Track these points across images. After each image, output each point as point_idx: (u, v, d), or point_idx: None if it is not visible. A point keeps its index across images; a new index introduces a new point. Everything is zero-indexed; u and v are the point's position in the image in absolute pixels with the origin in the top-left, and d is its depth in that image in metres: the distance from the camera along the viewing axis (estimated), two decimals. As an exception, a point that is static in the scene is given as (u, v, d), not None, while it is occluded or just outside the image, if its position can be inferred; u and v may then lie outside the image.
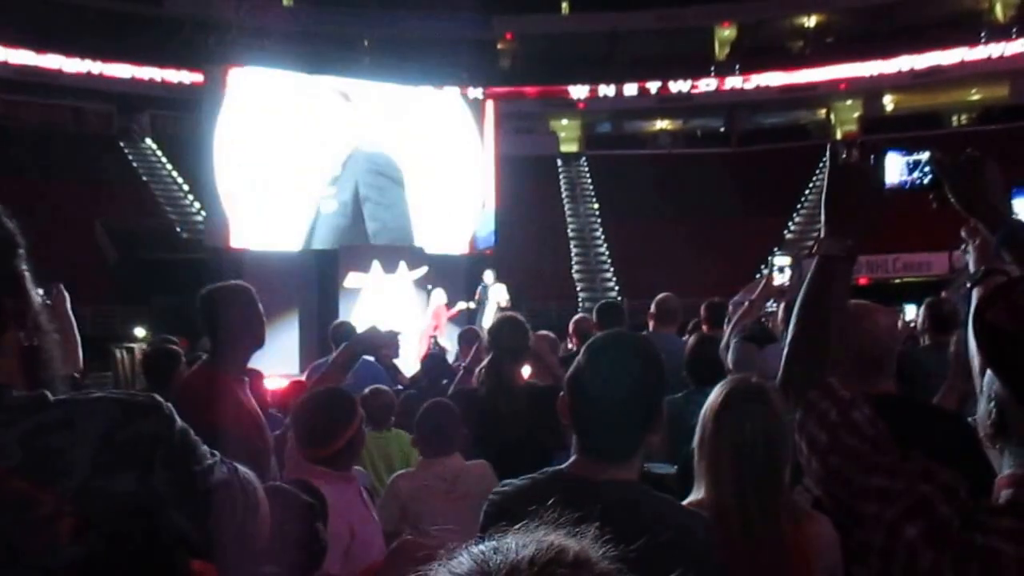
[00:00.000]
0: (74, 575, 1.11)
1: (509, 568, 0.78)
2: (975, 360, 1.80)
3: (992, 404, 1.35)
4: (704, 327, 6.43)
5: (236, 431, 3.24)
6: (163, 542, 1.22)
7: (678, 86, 37.29)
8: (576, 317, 7.33)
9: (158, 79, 33.44)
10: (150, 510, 1.20)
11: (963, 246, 2.18)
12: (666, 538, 1.78)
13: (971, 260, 2.10)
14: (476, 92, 19.80)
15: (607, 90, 37.58)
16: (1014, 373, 1.31)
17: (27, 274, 1.36)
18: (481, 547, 0.81)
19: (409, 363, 9.90)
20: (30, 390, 1.30)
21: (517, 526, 0.86)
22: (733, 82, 37.46)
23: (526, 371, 4.77)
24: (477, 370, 4.52)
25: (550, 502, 1.73)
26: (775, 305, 5.70)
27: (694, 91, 37.47)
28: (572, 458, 2.03)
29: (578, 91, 37.73)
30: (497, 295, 15.88)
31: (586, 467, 1.97)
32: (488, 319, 15.22)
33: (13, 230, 1.34)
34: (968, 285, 2.05)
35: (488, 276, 16.07)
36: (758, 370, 3.64)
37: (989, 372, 1.36)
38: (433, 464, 3.87)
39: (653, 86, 37.34)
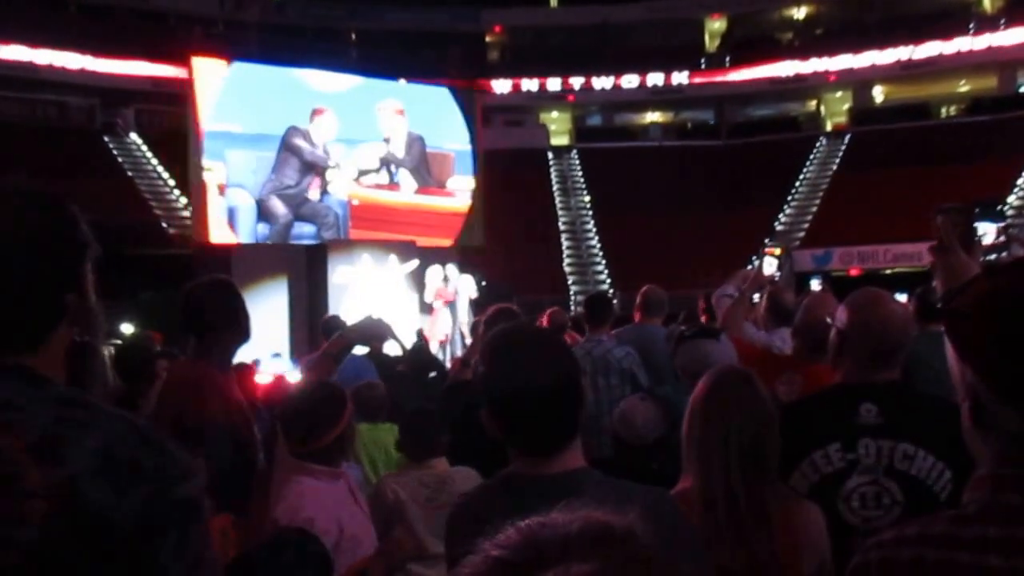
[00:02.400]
0: (27, 554, 1.16)
1: (560, 541, 0.78)
2: (954, 369, 1.82)
3: (968, 395, 1.38)
4: (704, 318, 6.45)
5: (224, 425, 3.28)
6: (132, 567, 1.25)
7: (668, 78, 37.30)
8: (549, 311, 7.32)
9: (143, 73, 33.17)
10: (123, 527, 1.23)
11: (930, 263, 2.24)
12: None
13: (937, 281, 2.17)
14: (464, 85, 19.72)
15: (597, 82, 37.56)
16: (981, 357, 1.34)
17: (91, 276, 1.44)
18: (528, 522, 0.81)
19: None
20: (68, 386, 1.38)
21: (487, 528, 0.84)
22: (723, 74, 37.49)
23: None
24: (474, 360, 4.46)
25: (503, 505, 1.71)
26: (759, 296, 5.69)
27: (684, 83, 37.49)
28: (514, 461, 1.96)
29: (568, 83, 37.70)
30: (466, 287, 15.83)
31: (533, 465, 1.90)
32: (462, 312, 15.25)
33: (88, 234, 1.44)
34: (939, 306, 2.07)
35: (451, 269, 15.99)
36: (711, 364, 3.59)
37: (956, 364, 1.40)
38: (417, 468, 3.87)
39: (643, 78, 37.35)
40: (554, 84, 37.71)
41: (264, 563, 2.54)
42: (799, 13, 38.87)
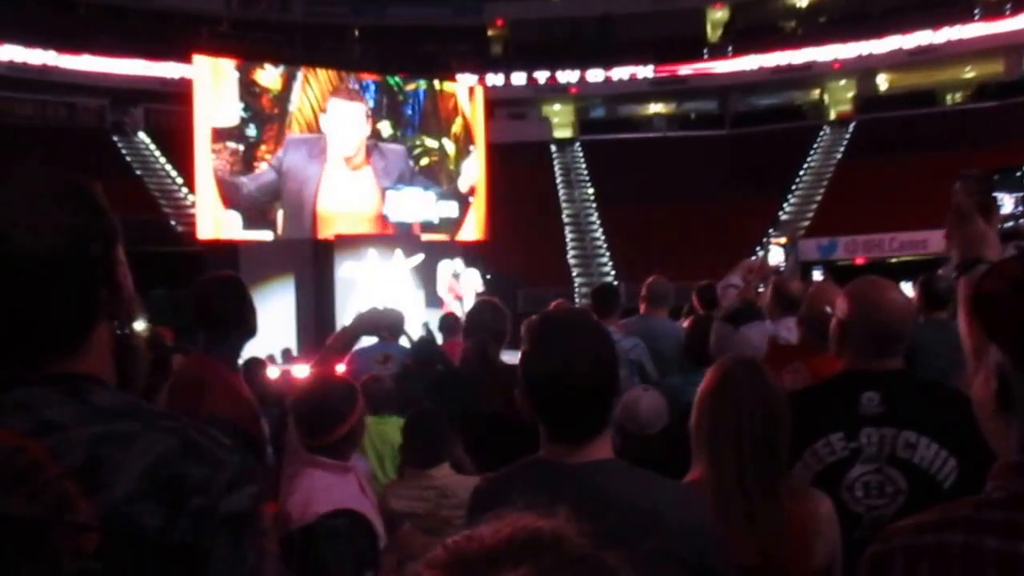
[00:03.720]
0: None
1: (486, 553, 0.77)
2: (966, 343, 1.81)
3: (995, 377, 1.35)
4: (700, 311, 6.46)
5: (231, 420, 3.27)
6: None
7: (671, 69, 37.24)
8: (554, 303, 7.32)
9: (150, 73, 33.39)
10: (178, 548, 1.18)
11: (945, 232, 2.19)
12: (647, 515, 1.80)
13: (954, 251, 2.09)
14: (468, 80, 19.73)
15: (600, 74, 37.56)
16: (1011, 337, 1.33)
17: (123, 266, 1.36)
18: (455, 537, 0.80)
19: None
20: (119, 382, 1.33)
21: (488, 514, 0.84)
22: (726, 64, 37.45)
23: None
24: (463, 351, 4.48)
25: (525, 489, 1.73)
26: (764, 286, 5.70)
27: (687, 74, 37.43)
28: (544, 446, 1.98)
29: (570, 76, 37.69)
30: (471, 280, 15.86)
31: (560, 452, 1.92)
32: (468, 305, 15.31)
33: (116, 224, 1.34)
34: (954, 276, 2.05)
35: (458, 263, 16.02)
36: (737, 350, 3.64)
37: (992, 348, 1.37)
38: (418, 477, 3.75)
39: (646, 70, 37.32)
40: (557, 77, 37.71)
41: (322, 534, 2.67)
42: (801, 1, 38.79)
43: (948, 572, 1.26)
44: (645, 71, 37.38)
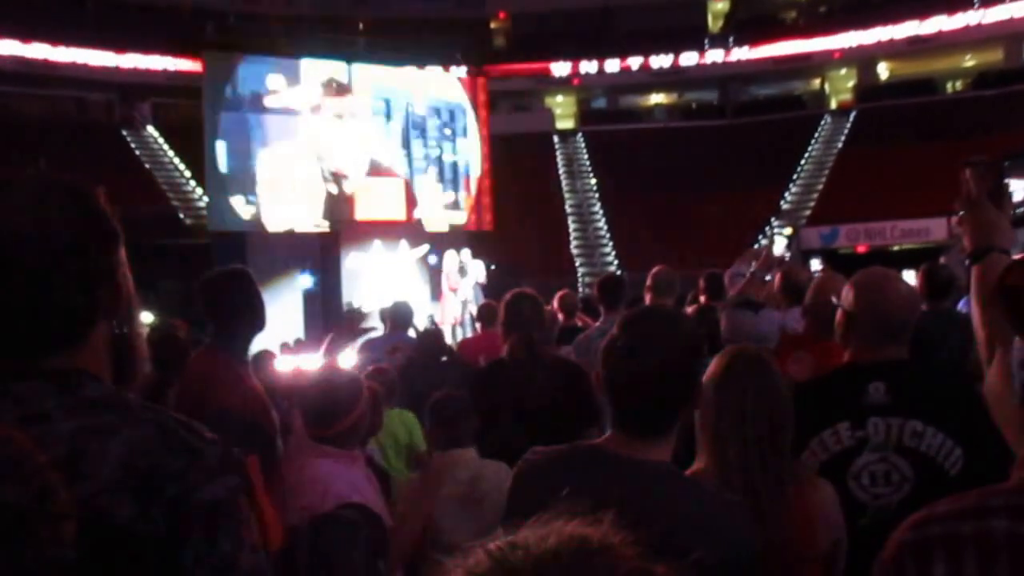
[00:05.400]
0: (61, 574, 1.11)
1: (533, 563, 0.74)
2: (979, 333, 1.89)
3: (1022, 369, 1.37)
4: (702, 298, 6.51)
5: (242, 412, 3.34)
6: (184, 569, 1.23)
7: (672, 59, 37.18)
8: (560, 293, 7.38)
9: (159, 67, 33.49)
10: (156, 538, 1.21)
11: (956, 220, 2.21)
12: (693, 523, 1.82)
13: (966, 238, 2.08)
14: (470, 71, 19.75)
15: (601, 65, 37.48)
16: None
17: (123, 267, 1.41)
18: (498, 543, 0.77)
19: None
20: (116, 381, 1.36)
21: (565, 502, 0.83)
22: (727, 54, 37.39)
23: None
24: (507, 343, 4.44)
25: (570, 474, 1.77)
26: (772, 275, 5.77)
27: (688, 64, 37.35)
28: (607, 433, 2.01)
29: (572, 67, 37.64)
30: (475, 271, 15.88)
31: (620, 443, 1.93)
32: (471, 295, 15.35)
33: (116, 227, 1.39)
34: (967, 263, 2.06)
35: (465, 254, 16.06)
36: (751, 337, 3.72)
37: (1017, 340, 1.38)
38: (447, 456, 3.80)
39: (647, 60, 37.24)
40: (559, 68, 37.61)
41: (332, 525, 2.72)
42: (802, -9, 38.68)
43: (995, 560, 1.24)
44: (646, 62, 37.31)
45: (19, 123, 29.62)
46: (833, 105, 37.26)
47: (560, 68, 37.60)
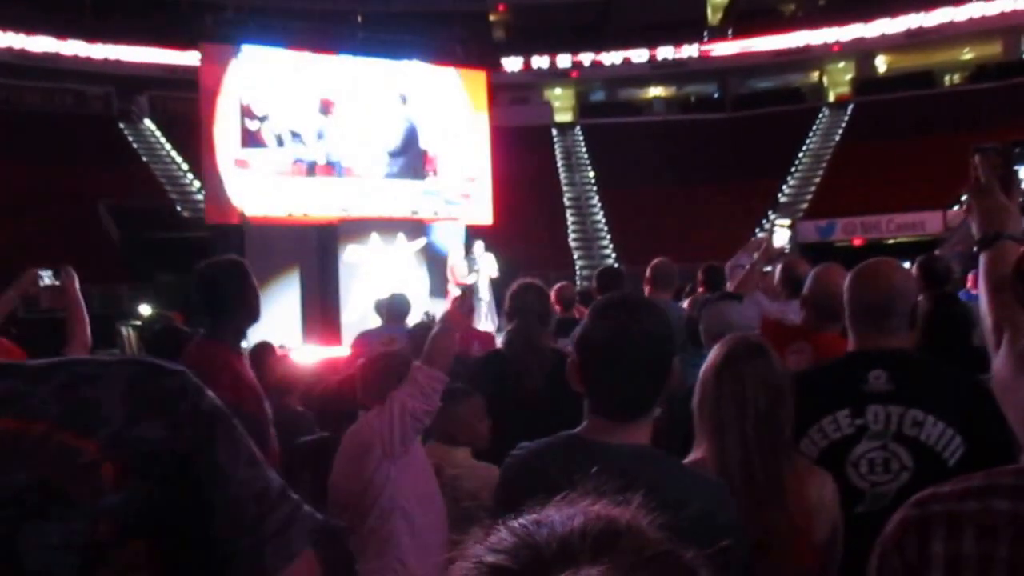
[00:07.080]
0: (118, 518, 1.13)
1: (559, 542, 0.71)
2: (987, 320, 1.88)
3: None
4: (701, 290, 6.53)
5: (235, 403, 3.34)
6: (202, 482, 1.25)
7: (671, 52, 37.16)
8: (558, 285, 7.41)
9: (156, 60, 33.43)
10: (184, 452, 1.23)
11: (964, 208, 2.20)
12: (674, 504, 1.82)
13: (975, 225, 2.09)
14: (469, 64, 19.72)
15: (600, 58, 37.42)
16: None
17: None
18: (522, 521, 0.74)
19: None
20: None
21: (550, 494, 0.80)
22: (726, 47, 37.34)
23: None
24: (504, 333, 4.43)
25: (561, 466, 1.78)
26: (772, 267, 5.78)
27: (687, 57, 37.35)
28: (585, 422, 2.01)
29: (571, 60, 37.59)
30: (487, 265, 15.88)
31: (597, 430, 1.94)
32: (483, 289, 15.35)
33: None
34: (976, 249, 2.06)
35: (478, 247, 16.05)
36: (733, 326, 3.73)
37: None
38: (439, 449, 3.85)
39: (646, 53, 37.21)
40: (557, 61, 37.59)
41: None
42: (801, -16, 38.64)
43: (995, 539, 1.25)
44: (645, 54, 37.26)
45: (17, 115, 29.63)
46: (831, 98, 37.26)
47: (559, 61, 37.55)
